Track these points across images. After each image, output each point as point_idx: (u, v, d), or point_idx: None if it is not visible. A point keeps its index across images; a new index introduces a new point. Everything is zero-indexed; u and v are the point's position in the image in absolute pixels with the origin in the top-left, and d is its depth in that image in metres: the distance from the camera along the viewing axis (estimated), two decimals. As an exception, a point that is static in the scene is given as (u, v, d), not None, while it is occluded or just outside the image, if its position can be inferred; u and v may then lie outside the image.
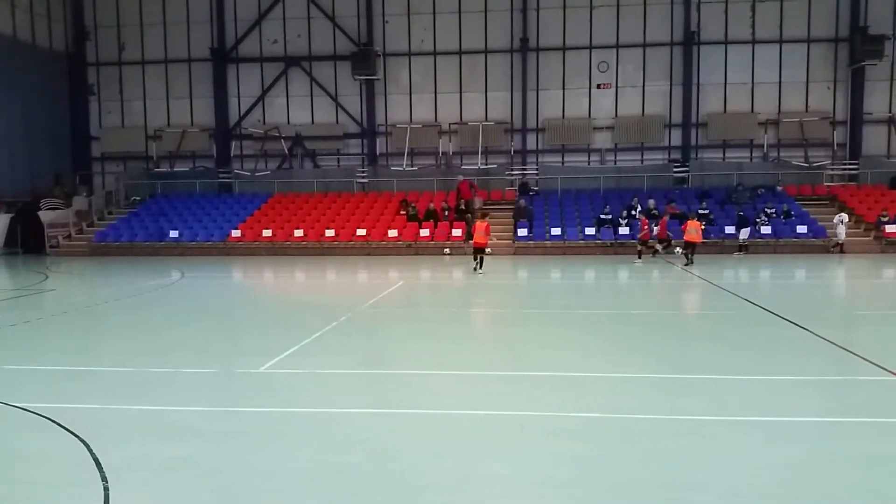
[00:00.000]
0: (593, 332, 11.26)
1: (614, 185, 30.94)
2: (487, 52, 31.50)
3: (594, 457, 5.65)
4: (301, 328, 11.24)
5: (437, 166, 32.04)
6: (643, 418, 6.65)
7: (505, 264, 23.19)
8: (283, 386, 8.03)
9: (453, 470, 5.38)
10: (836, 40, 29.98)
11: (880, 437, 6.07)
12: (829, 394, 7.71)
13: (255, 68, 32.66)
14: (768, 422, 6.50)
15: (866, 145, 30.19)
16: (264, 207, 30.70)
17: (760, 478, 5.16)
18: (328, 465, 5.52)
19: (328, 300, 16.61)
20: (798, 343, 10.05)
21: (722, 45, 30.56)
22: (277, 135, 32.38)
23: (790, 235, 26.14)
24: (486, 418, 6.68)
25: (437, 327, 12.26)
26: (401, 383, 8.22)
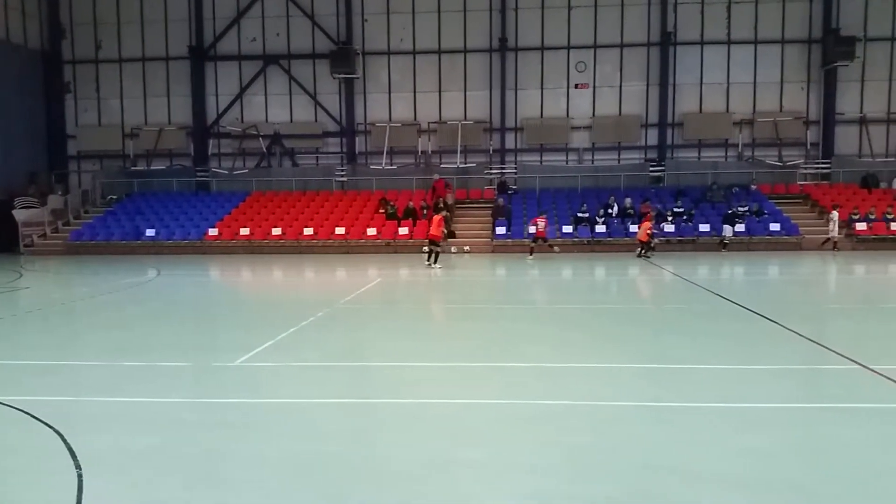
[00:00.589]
0: (570, 325, 11.39)
1: (592, 184, 31.18)
2: (466, 52, 31.62)
3: (568, 443, 5.75)
4: (277, 324, 11.24)
5: (417, 165, 32.09)
6: (617, 405, 6.78)
7: (483, 262, 23.33)
8: (260, 378, 8.05)
9: (429, 457, 5.45)
10: (809, 41, 30.47)
11: (845, 424, 6.24)
12: (797, 383, 7.88)
13: (234, 66, 32.51)
14: (738, 408, 6.66)
15: (839, 145, 30.71)
16: (242, 206, 30.56)
17: (728, 463, 5.29)
18: (304, 453, 5.57)
19: (305, 297, 16.62)
20: (769, 336, 10.24)
21: (698, 46, 30.93)
22: (256, 133, 32.26)
23: (763, 233, 26.53)
24: (463, 407, 6.76)
25: (414, 322, 12.35)
26: (378, 375, 8.28)
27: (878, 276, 19.04)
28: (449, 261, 23.64)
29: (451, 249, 26.44)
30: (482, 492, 4.83)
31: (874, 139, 30.55)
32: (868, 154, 30.62)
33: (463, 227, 28.88)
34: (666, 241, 26.40)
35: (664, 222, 26.96)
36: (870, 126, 30.52)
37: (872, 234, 25.99)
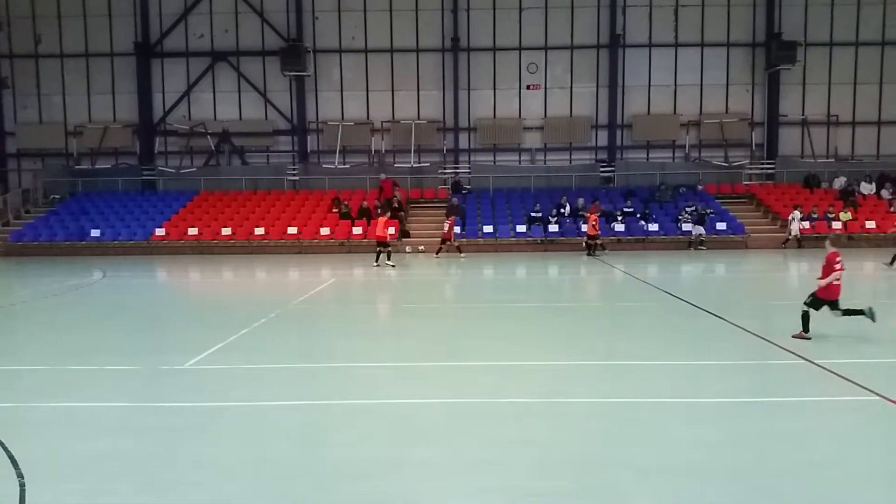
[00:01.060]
0: (525, 323, 11.46)
1: (544, 184, 31.47)
2: (419, 51, 31.57)
3: (522, 439, 5.77)
4: (228, 325, 11.03)
5: (370, 164, 31.92)
6: (571, 402, 6.84)
7: (438, 261, 23.32)
8: (209, 381, 7.89)
9: (383, 456, 5.42)
10: (753, 45, 31.29)
11: (791, 417, 6.42)
12: (744, 377, 8.08)
13: (181, 63, 31.82)
14: (687, 403, 6.79)
15: (782, 146, 31.62)
16: (190, 205, 29.94)
17: (678, 456, 5.40)
18: (254, 456, 5.46)
19: (257, 297, 16.35)
20: (716, 332, 10.49)
21: (646, 48, 31.48)
22: (204, 131, 31.64)
23: (710, 232, 27.13)
24: (417, 406, 6.74)
25: (368, 322, 12.28)
26: (331, 376, 8.18)
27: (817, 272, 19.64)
28: (403, 260, 23.58)
29: (405, 249, 26.36)
30: (435, 490, 4.81)
31: (815, 140, 31.54)
32: (810, 155, 31.60)
33: (417, 226, 28.83)
34: (617, 240, 26.81)
35: (614, 222, 27.38)
36: (811, 128, 31.51)
37: (815, 233, 26.80)
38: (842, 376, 7.52)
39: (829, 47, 31.10)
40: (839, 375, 7.57)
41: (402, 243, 26.81)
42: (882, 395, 6.79)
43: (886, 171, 30.78)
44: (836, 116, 31.50)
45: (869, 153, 31.85)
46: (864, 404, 6.64)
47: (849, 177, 30.47)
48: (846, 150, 31.84)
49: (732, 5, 31.03)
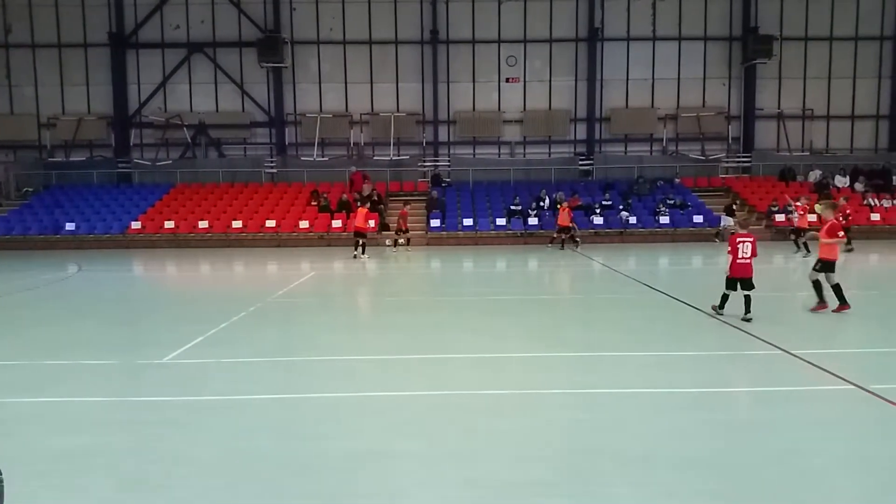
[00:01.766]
0: (505, 316, 11.48)
1: (524, 177, 31.57)
2: (398, 43, 31.46)
3: (501, 430, 5.80)
4: (207, 319, 10.94)
5: (349, 157, 31.78)
6: (550, 393, 6.88)
7: (418, 254, 23.31)
8: (188, 375, 7.80)
9: (364, 449, 5.40)
10: (730, 39, 31.57)
11: (766, 406, 6.50)
12: (721, 367, 8.17)
13: (156, 54, 31.43)
14: (664, 393, 6.86)
15: (758, 139, 31.98)
16: (166, 198, 29.66)
17: (654, 444, 5.45)
18: (234, 450, 5.42)
19: (236, 291, 16.24)
20: (694, 323, 10.59)
21: (624, 42, 31.65)
22: (180, 123, 31.31)
23: (687, 225, 27.40)
24: (398, 399, 6.74)
25: (348, 315, 12.25)
26: (312, 369, 8.14)
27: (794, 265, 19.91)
28: (383, 254, 23.55)
29: (385, 242, 26.32)
30: (418, 482, 4.82)
31: (791, 134, 31.95)
32: (786, 148, 32.01)
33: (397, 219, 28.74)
34: (595, 233, 26.98)
35: (593, 215, 27.55)
36: (787, 121, 31.90)
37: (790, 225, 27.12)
38: (818, 366, 7.63)
39: (804, 42, 31.50)
40: (815, 365, 7.67)
41: (381, 236, 26.76)
42: (857, 384, 6.90)
43: (860, 164, 31.25)
44: (811, 110, 31.94)
45: (843, 147, 32.34)
46: (841, 393, 6.75)
47: (823, 170, 30.90)
48: (821, 144, 32.32)
49: (709, 0, 31.26)
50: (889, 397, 6.44)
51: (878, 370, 7.86)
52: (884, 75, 31.81)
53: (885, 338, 10.15)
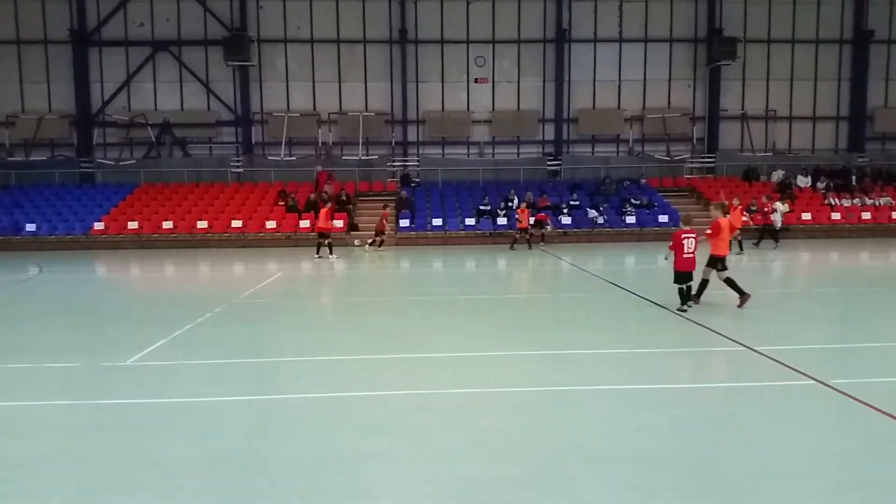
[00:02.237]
0: (475, 315, 11.51)
1: (493, 177, 31.68)
2: (366, 42, 31.35)
3: (476, 429, 5.81)
4: (172, 320, 10.79)
5: (317, 156, 31.58)
6: (523, 391, 6.91)
7: (388, 254, 23.25)
8: (154, 378, 7.68)
9: (337, 450, 5.37)
10: (695, 41, 32.04)
11: (730, 400, 6.61)
12: (687, 364, 8.29)
13: (120, 52, 30.89)
14: (633, 390, 6.93)
15: (722, 140, 32.51)
16: (130, 198, 29.17)
17: (626, 441, 5.51)
18: (202, 453, 5.36)
19: (202, 292, 16.01)
20: (660, 321, 10.73)
21: (591, 44, 31.92)
22: (144, 122, 30.82)
23: (653, 225, 27.74)
24: (370, 399, 6.71)
25: (318, 316, 12.17)
26: (281, 371, 8.08)
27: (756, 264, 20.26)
28: (352, 254, 23.45)
29: (353, 242, 26.20)
30: (391, 481, 4.80)
31: (754, 135, 32.53)
32: (749, 149, 32.58)
33: (366, 219, 28.68)
34: (563, 232, 27.18)
35: (561, 215, 27.76)
36: (750, 122, 32.48)
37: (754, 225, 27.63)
38: (780, 362, 7.78)
39: (767, 44, 32.10)
40: (777, 361, 7.82)
41: (350, 237, 26.64)
42: (818, 379, 7.05)
43: (821, 164, 31.93)
44: (774, 111, 32.56)
45: (805, 147, 33.03)
46: (802, 388, 6.89)
47: (786, 170, 31.52)
48: (783, 145, 32.97)
49: (675, 2, 31.73)
50: (848, 392, 6.59)
51: (837, 365, 8.06)
52: (843, 78, 32.55)
53: (843, 334, 10.41)
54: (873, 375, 7.42)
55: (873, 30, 31.77)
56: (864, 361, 8.30)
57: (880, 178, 31.47)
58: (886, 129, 32.94)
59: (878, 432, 5.66)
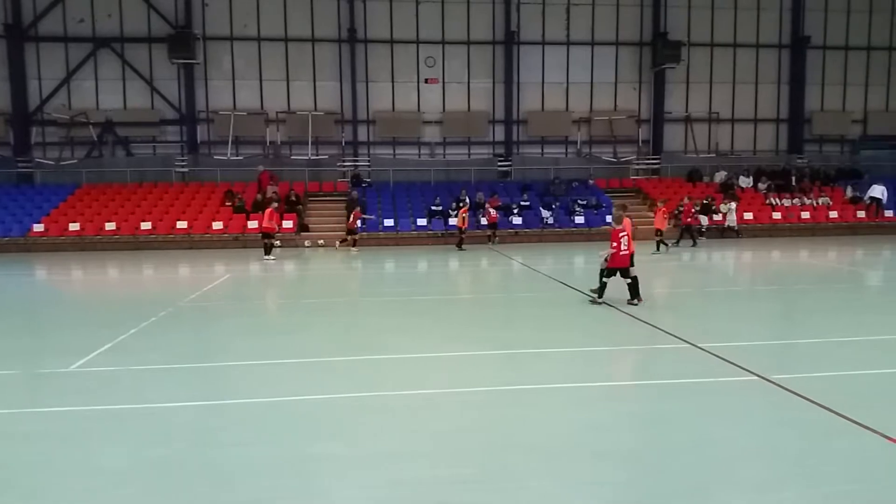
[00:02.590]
0: (426, 316, 11.52)
1: (444, 177, 31.72)
2: (315, 41, 31.03)
3: (429, 430, 5.81)
4: (115, 325, 10.50)
5: (265, 156, 31.12)
6: (475, 391, 6.94)
7: (339, 255, 23.06)
8: (96, 384, 7.46)
9: (287, 454, 5.31)
10: (640, 44, 32.63)
11: (677, 397, 6.75)
12: (633, 362, 8.44)
13: (59, 48, 29.90)
14: (583, 387, 7.04)
15: (667, 142, 33.19)
16: (71, 199, 28.29)
17: (577, 438, 5.59)
18: (146, 460, 5.22)
19: (146, 295, 15.62)
20: (607, 319, 10.89)
21: (539, 46, 32.22)
22: (85, 121, 29.89)
23: (601, 224, 28.14)
24: (323, 402, 6.64)
25: (268, 319, 12.00)
26: (228, 375, 7.93)
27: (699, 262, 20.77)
28: (302, 255, 23.20)
29: (304, 243, 25.94)
30: (342, 484, 4.76)
31: (698, 137, 33.32)
32: (693, 150, 33.36)
33: (316, 220, 28.42)
34: (514, 232, 27.42)
35: (511, 215, 28.01)
36: (694, 124, 33.24)
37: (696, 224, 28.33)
38: (723, 358, 7.98)
39: (710, 48, 32.89)
40: (721, 358, 8.02)
41: (300, 237, 26.37)
42: (760, 374, 7.25)
43: (762, 165, 32.89)
44: (717, 114, 33.41)
45: (746, 149, 34.00)
46: (745, 384, 7.08)
47: (729, 171, 32.38)
48: (726, 146, 33.84)
49: (621, 5, 32.24)
50: (789, 387, 6.80)
51: (778, 361, 8.31)
52: (783, 81, 33.60)
53: (784, 330, 10.75)
54: (812, 370, 7.68)
55: (809, 36, 32.88)
56: (804, 357, 8.59)
57: (818, 178, 32.59)
58: (823, 131, 34.14)
59: (818, 426, 5.85)
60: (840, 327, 10.17)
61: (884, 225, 29.67)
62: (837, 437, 5.59)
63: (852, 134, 34.45)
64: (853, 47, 33.67)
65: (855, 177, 32.60)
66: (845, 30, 33.52)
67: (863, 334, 9.54)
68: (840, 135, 34.42)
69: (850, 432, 5.65)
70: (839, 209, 30.21)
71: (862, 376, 7.40)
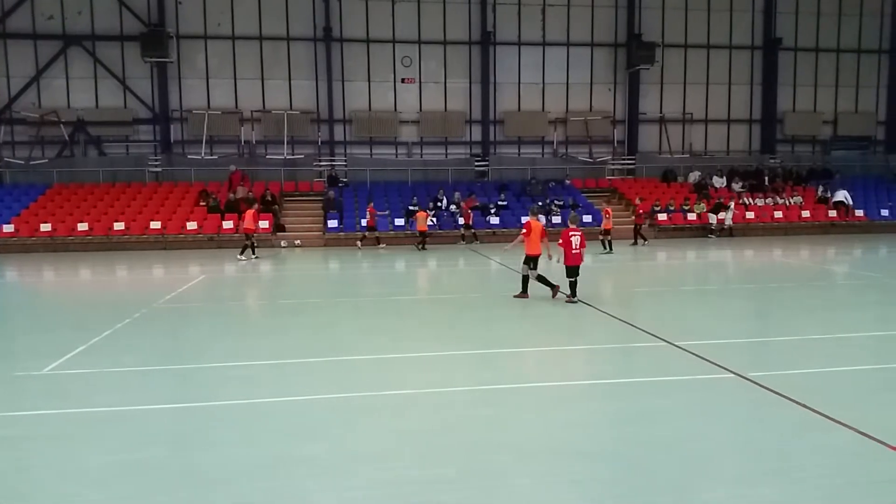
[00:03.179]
0: (404, 316, 11.51)
1: (421, 177, 31.67)
2: (290, 40, 30.81)
3: (408, 430, 5.81)
4: (89, 327, 10.36)
5: (240, 155, 30.85)
6: (452, 391, 6.95)
7: (316, 255, 22.94)
8: (71, 387, 7.36)
9: (266, 456, 5.27)
10: (615, 45, 32.85)
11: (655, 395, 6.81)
12: (611, 360, 8.50)
13: (28, 46, 29.34)
14: (559, 386, 7.08)
15: (642, 142, 33.46)
16: (42, 199, 27.81)
17: (553, 436, 5.62)
18: (124, 463, 5.16)
19: (120, 297, 15.39)
20: (586, 319, 10.96)
21: (515, 46, 32.31)
22: (56, 120, 29.38)
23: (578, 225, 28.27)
24: (299, 403, 6.60)
25: (243, 320, 11.90)
26: (205, 377, 7.85)
27: (676, 262, 20.99)
28: (279, 255, 23.05)
29: (281, 244, 25.76)
30: (322, 485, 4.74)
31: (672, 137, 33.64)
32: (667, 151, 33.68)
33: (293, 220, 28.23)
34: (492, 232, 27.48)
35: (489, 215, 28.06)
36: (668, 125, 33.56)
37: (672, 224, 28.65)
38: (700, 356, 8.07)
39: (683, 49, 33.20)
40: (698, 356, 8.11)
41: (276, 238, 26.19)
42: (736, 372, 7.34)
43: (735, 165, 33.30)
44: (691, 114, 33.75)
45: (720, 149, 34.38)
46: (721, 381, 7.16)
47: (702, 171, 32.74)
48: (700, 147, 34.20)
49: (596, 7, 32.42)
50: (765, 384, 6.90)
51: (754, 359, 8.42)
52: (755, 82, 34.03)
53: (759, 328, 10.89)
54: (787, 368, 7.80)
55: (781, 37, 33.35)
56: (779, 354, 8.71)
57: (791, 178, 33.07)
58: (795, 131, 34.65)
59: (794, 421, 5.94)
60: (814, 325, 10.34)
61: (854, 224, 30.19)
62: (812, 432, 5.68)
63: (823, 134, 35.02)
64: (823, 49, 34.23)
65: (826, 177, 33.15)
66: (815, 32, 34.07)
67: (836, 332, 9.71)
68: (811, 135, 34.96)
69: (825, 428, 5.75)
70: (811, 209, 30.69)
71: (836, 373, 7.53)
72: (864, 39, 34.45)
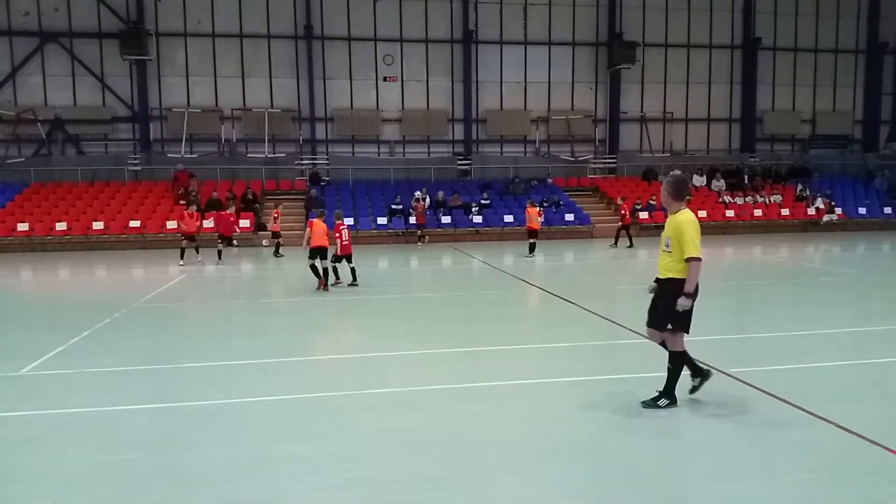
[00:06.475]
0: (387, 315, 11.46)
1: (404, 176, 31.64)
2: (270, 38, 30.65)
3: (391, 428, 5.77)
4: (68, 327, 10.22)
5: (221, 154, 30.62)
6: (436, 388, 6.93)
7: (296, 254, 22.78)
8: (49, 388, 7.24)
9: (248, 456, 5.21)
10: (596, 45, 33.00)
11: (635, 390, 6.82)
12: (592, 356, 8.52)
13: (3, 43, 28.95)
14: (543, 383, 7.08)
15: (623, 141, 33.65)
16: (18, 199, 27.45)
17: (538, 433, 5.61)
18: (103, 464, 5.08)
19: (99, 297, 15.19)
20: (568, 316, 10.99)
21: (497, 45, 32.35)
22: (33, 118, 29.01)
23: (560, 223, 28.43)
24: (284, 403, 6.54)
25: (223, 320, 11.79)
26: (185, 377, 7.76)
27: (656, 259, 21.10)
28: (260, 254, 22.89)
29: (262, 243, 25.60)
30: (304, 486, 4.69)
31: (653, 136, 33.85)
32: (648, 150, 33.88)
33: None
34: (476, 231, 27.50)
35: (470, 213, 28.09)
36: (649, 124, 33.76)
37: (653, 223, 28.80)
38: (683, 353, 8.08)
39: (664, 48, 33.42)
40: (680, 352, 8.12)
41: (257, 237, 26.03)
42: (718, 368, 7.37)
43: (716, 164, 33.57)
44: (671, 114, 33.99)
45: (700, 148, 34.67)
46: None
47: (683, 170, 32.82)
48: (680, 146, 34.46)
49: (577, 6, 32.56)
50: (746, 380, 6.94)
51: (734, 355, 8.46)
52: (735, 81, 34.35)
53: (739, 325, 10.96)
54: (768, 364, 7.85)
55: (760, 37, 33.67)
56: (760, 351, 8.77)
57: (770, 177, 33.39)
58: (775, 130, 35.01)
59: (775, 417, 5.98)
60: (794, 322, 10.42)
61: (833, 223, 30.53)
62: (794, 427, 5.72)
63: (802, 133, 35.42)
64: (802, 49, 34.60)
65: (805, 175, 33.51)
66: (794, 32, 34.43)
67: (815, 328, 9.80)
68: (791, 134, 35.36)
69: (807, 423, 5.79)
70: (790, 207, 31.01)
71: (816, 369, 7.60)
72: (841, 40, 34.89)
